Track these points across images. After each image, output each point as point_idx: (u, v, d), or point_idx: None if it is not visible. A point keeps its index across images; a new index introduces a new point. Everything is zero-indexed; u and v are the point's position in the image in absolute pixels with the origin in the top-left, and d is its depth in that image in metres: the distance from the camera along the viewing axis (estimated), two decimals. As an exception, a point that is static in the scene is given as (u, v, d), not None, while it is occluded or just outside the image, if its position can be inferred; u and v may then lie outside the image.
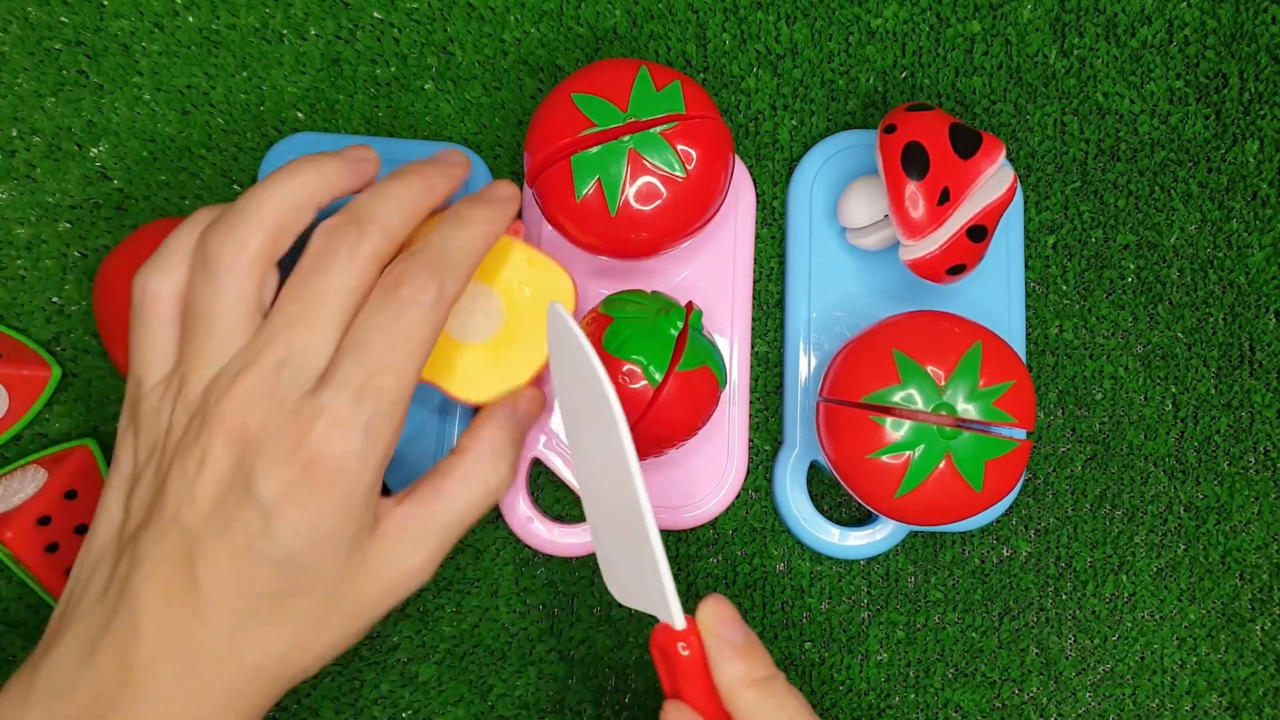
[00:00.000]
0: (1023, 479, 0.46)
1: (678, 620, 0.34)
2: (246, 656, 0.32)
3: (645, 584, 0.34)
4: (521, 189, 0.47)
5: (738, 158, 0.46)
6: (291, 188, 0.34)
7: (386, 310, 0.33)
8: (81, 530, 0.41)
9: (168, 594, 0.32)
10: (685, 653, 0.34)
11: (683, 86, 0.40)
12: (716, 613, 0.34)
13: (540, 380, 0.40)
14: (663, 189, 0.39)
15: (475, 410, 0.41)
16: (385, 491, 0.35)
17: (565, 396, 0.37)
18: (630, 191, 0.39)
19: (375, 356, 0.33)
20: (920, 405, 0.39)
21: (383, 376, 0.33)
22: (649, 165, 0.39)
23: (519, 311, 0.39)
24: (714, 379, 0.39)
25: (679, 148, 0.39)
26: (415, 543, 0.34)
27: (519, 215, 0.40)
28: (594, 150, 0.39)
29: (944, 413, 0.39)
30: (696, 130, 0.40)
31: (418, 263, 0.34)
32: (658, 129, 0.39)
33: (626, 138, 0.39)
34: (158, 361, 0.35)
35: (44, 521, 0.40)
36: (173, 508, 0.32)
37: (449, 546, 0.35)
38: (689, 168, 0.39)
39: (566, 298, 0.39)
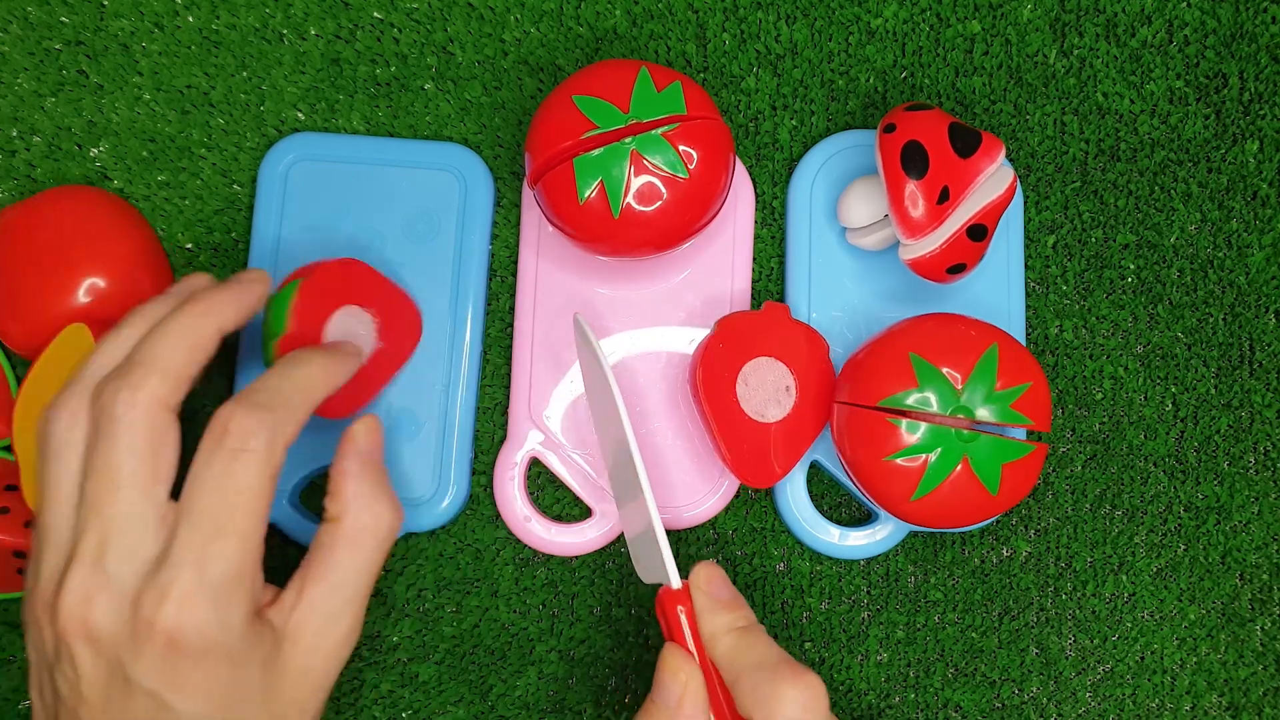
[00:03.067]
0: (1023, 479, 0.46)
1: (674, 581, 0.36)
2: None
3: (653, 556, 0.37)
4: (522, 190, 0.47)
5: (735, 158, 0.46)
6: (183, 329, 0.33)
7: (213, 464, 0.31)
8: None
9: None
10: (682, 614, 0.36)
11: (683, 87, 0.40)
12: (707, 575, 0.36)
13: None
14: (665, 190, 0.39)
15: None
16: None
17: (592, 399, 0.39)
18: (633, 193, 0.39)
19: (210, 520, 0.31)
20: (937, 408, 0.39)
21: (223, 541, 0.31)
22: (651, 166, 0.39)
23: None
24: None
25: (680, 148, 0.39)
26: (328, 625, 0.33)
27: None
28: (596, 152, 0.39)
29: (961, 415, 0.39)
30: (698, 131, 0.40)
31: (245, 406, 0.32)
32: (659, 130, 0.39)
33: (629, 139, 0.39)
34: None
35: (3, 511, 0.41)
36: (71, 710, 0.31)
37: (365, 603, 0.34)
38: (691, 168, 0.39)
39: None
